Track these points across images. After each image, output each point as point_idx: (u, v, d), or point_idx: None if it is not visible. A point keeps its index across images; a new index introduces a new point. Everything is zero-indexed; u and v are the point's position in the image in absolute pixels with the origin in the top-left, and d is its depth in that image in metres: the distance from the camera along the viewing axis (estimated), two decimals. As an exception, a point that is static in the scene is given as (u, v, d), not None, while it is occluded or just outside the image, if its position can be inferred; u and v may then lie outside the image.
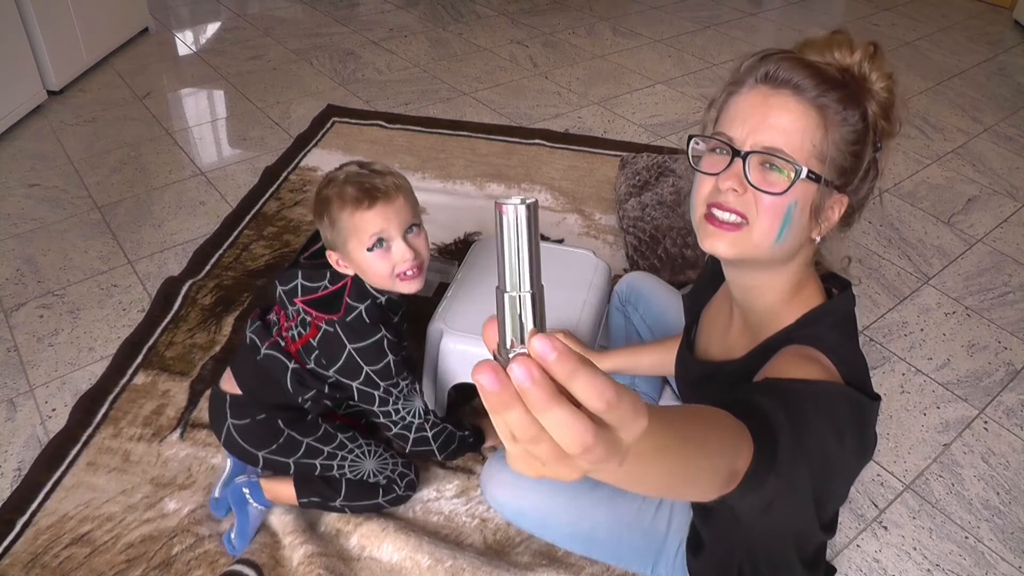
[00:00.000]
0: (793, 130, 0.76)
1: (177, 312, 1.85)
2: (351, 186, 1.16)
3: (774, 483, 0.61)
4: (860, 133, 0.78)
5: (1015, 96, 3.15)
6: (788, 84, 0.77)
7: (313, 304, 1.22)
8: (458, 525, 1.40)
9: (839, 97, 0.76)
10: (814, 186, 0.77)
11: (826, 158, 0.77)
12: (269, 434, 1.30)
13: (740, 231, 0.79)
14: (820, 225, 0.81)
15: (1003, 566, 1.40)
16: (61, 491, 1.43)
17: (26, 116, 2.68)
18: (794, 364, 0.78)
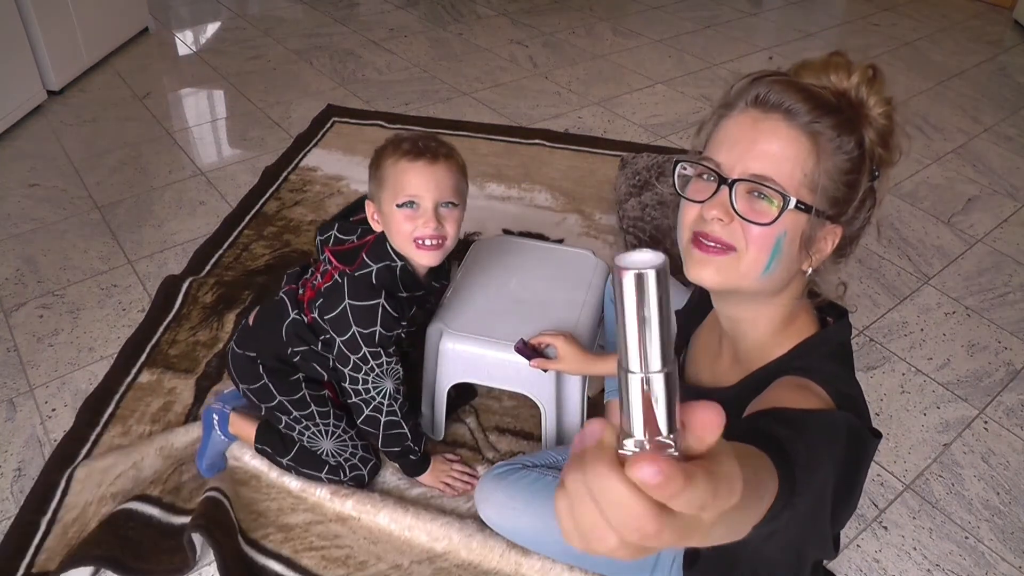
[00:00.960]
0: (783, 157, 0.72)
1: (179, 310, 1.86)
2: (407, 141, 1.20)
3: (787, 516, 0.58)
4: (855, 161, 0.75)
5: (1015, 96, 3.15)
6: (779, 108, 0.73)
7: (336, 255, 1.25)
8: (461, 512, 1.41)
9: (833, 123, 0.73)
10: (804, 216, 0.74)
11: (818, 187, 0.73)
12: (251, 374, 1.34)
13: (727, 256, 0.76)
14: (812, 257, 0.77)
15: (1003, 566, 1.40)
16: (75, 485, 1.45)
17: (26, 116, 2.68)
18: (791, 394, 0.74)
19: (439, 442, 1.55)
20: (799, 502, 0.59)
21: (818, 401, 0.74)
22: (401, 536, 1.35)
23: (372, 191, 1.25)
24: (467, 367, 1.44)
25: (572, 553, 1.24)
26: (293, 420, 1.35)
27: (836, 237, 0.78)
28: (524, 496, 1.24)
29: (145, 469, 1.46)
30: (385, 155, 1.21)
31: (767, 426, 0.65)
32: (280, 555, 1.32)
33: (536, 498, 1.23)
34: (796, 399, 0.73)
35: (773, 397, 0.76)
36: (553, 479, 1.26)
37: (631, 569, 1.18)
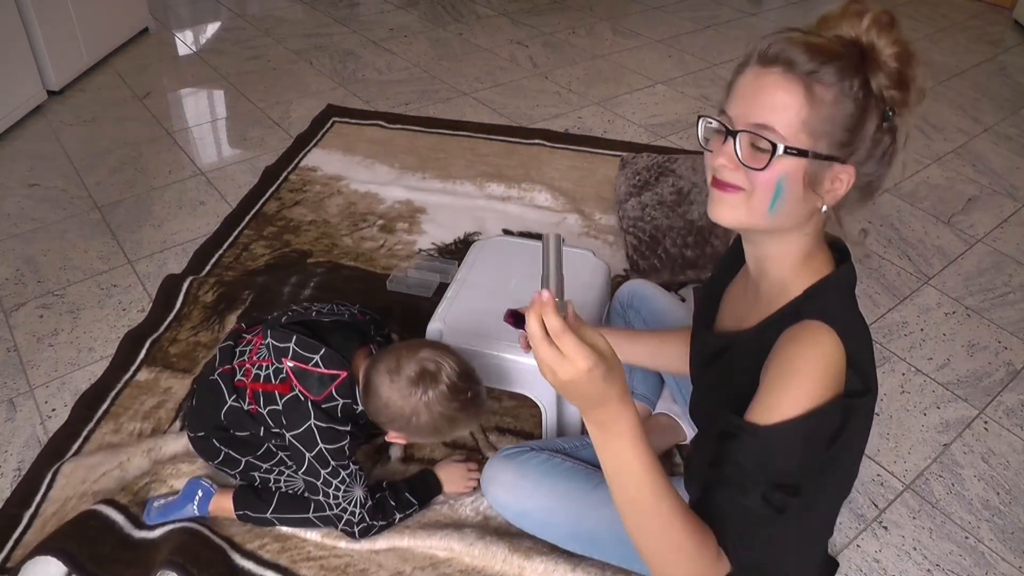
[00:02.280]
0: (780, 107, 0.78)
1: (180, 310, 1.86)
2: (457, 399, 1.22)
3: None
4: (859, 104, 0.78)
5: (1015, 96, 3.15)
6: (779, 61, 0.78)
7: (298, 374, 1.24)
8: (460, 518, 1.40)
9: (835, 69, 0.77)
10: (803, 160, 0.79)
11: (818, 132, 0.78)
12: (211, 450, 1.35)
13: (738, 195, 0.83)
14: (823, 196, 0.82)
15: (1003, 566, 1.40)
16: (61, 479, 1.45)
17: (26, 116, 2.68)
18: (794, 363, 0.81)
19: (440, 444, 1.55)
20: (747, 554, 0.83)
21: (822, 361, 0.80)
22: (402, 544, 1.34)
23: (406, 429, 1.25)
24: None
25: (580, 537, 1.23)
26: (266, 472, 1.34)
27: (850, 176, 0.81)
28: (534, 476, 1.24)
29: (130, 470, 1.46)
30: (445, 424, 1.24)
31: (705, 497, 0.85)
32: (278, 565, 1.31)
33: (545, 479, 1.23)
34: (795, 365, 0.80)
35: (778, 358, 0.82)
36: (562, 461, 1.26)
37: (638, 559, 1.18)
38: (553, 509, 1.22)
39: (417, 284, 1.93)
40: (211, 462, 1.38)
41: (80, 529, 1.31)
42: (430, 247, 2.11)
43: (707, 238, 1.98)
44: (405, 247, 2.11)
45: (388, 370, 1.21)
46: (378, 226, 2.19)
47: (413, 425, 1.22)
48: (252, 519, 1.35)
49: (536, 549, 1.30)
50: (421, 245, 2.12)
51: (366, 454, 1.52)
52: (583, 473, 1.24)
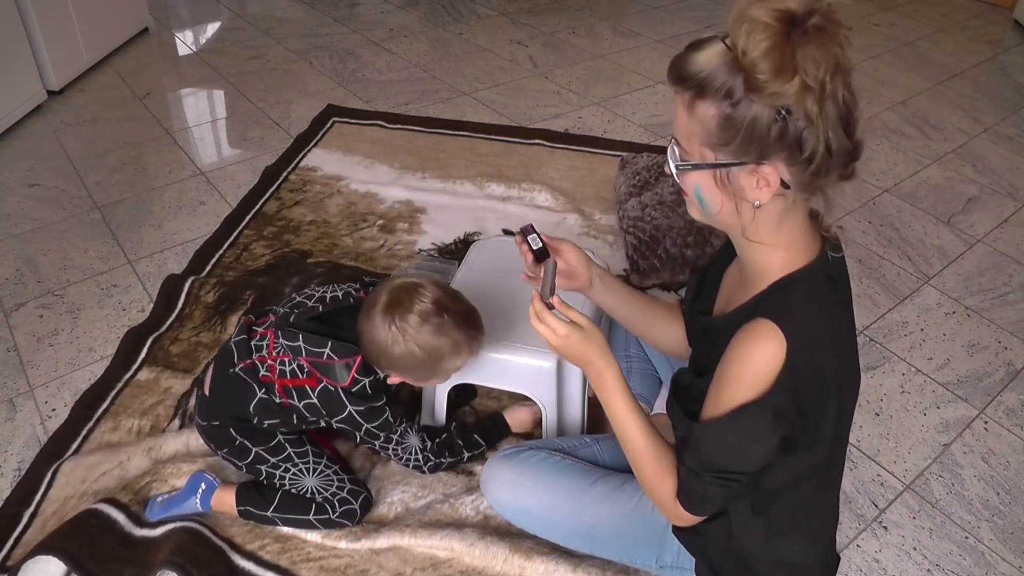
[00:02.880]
0: (679, 125, 0.85)
1: (181, 310, 1.86)
2: (459, 329, 1.24)
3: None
4: (742, 110, 0.78)
5: (1015, 96, 3.15)
6: (675, 83, 0.84)
7: (318, 367, 1.26)
8: (461, 517, 1.40)
9: (713, 85, 0.79)
10: (707, 170, 0.85)
11: (715, 143, 0.82)
12: (223, 439, 1.34)
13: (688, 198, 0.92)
14: (750, 196, 0.84)
15: (1003, 566, 1.40)
16: (61, 478, 1.45)
17: (26, 116, 2.68)
18: (732, 361, 0.89)
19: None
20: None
21: (750, 379, 0.86)
22: (403, 543, 1.34)
23: (392, 365, 1.25)
24: (469, 368, 1.44)
25: (581, 534, 1.23)
26: (272, 467, 1.34)
27: (774, 173, 0.82)
28: (532, 474, 1.24)
29: (131, 469, 1.46)
30: (445, 355, 1.24)
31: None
32: (278, 566, 1.31)
33: (544, 476, 1.23)
34: (728, 377, 0.89)
35: (717, 371, 0.91)
36: (561, 459, 1.26)
37: (640, 545, 1.18)
38: (552, 506, 1.22)
39: (417, 284, 1.93)
40: (220, 451, 1.37)
41: (81, 528, 1.31)
42: (430, 247, 2.11)
43: (707, 238, 1.98)
44: (405, 247, 2.11)
45: (367, 307, 1.24)
46: (378, 226, 2.19)
47: (395, 358, 1.22)
48: (254, 516, 1.35)
49: (537, 549, 1.30)
50: (421, 245, 2.12)
51: (365, 455, 1.52)
52: (582, 470, 1.24)
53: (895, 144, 2.76)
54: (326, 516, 1.32)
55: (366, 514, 1.39)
